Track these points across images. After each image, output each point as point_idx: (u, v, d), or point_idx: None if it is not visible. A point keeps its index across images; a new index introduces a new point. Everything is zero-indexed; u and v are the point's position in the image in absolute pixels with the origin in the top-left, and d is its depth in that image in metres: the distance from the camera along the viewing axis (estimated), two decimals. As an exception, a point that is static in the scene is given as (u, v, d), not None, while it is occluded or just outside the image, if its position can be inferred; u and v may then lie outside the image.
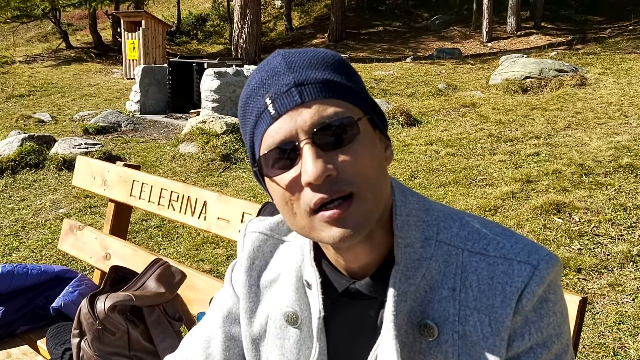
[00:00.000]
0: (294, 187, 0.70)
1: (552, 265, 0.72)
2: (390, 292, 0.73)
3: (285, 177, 0.70)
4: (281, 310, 0.84)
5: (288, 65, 0.71)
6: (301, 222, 0.71)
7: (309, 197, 0.68)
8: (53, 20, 18.31)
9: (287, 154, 0.69)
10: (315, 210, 0.69)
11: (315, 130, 0.68)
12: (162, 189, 1.99)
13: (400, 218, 0.75)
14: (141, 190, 2.06)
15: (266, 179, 0.74)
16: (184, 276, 1.69)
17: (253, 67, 9.56)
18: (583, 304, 1.05)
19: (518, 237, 0.76)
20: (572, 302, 1.03)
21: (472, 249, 0.75)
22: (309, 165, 0.66)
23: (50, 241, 4.32)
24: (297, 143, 0.68)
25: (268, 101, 0.70)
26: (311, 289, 0.80)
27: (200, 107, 8.64)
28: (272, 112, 0.69)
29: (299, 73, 0.70)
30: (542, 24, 16.60)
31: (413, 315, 0.75)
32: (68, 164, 6.18)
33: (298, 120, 0.68)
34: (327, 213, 0.68)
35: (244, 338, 0.89)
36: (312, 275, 0.80)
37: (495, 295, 0.72)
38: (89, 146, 6.72)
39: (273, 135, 0.69)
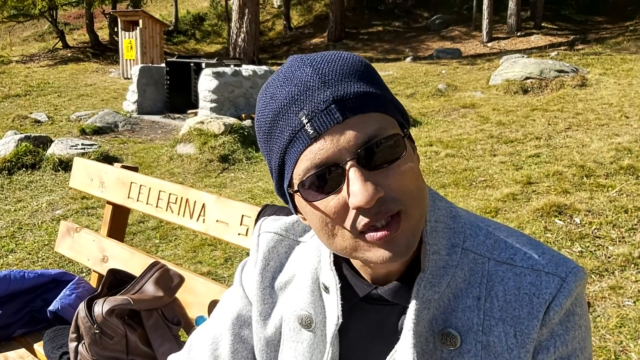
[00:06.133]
0: (339, 211, 0.65)
1: (579, 278, 0.71)
2: (413, 300, 0.71)
3: (328, 201, 0.65)
4: (295, 312, 0.82)
5: (321, 78, 0.65)
6: (343, 244, 0.67)
7: (357, 220, 0.65)
8: (50, 19, 18.25)
9: (330, 177, 0.64)
10: (362, 231, 0.65)
11: (359, 150, 0.63)
12: (160, 191, 1.97)
13: (429, 224, 0.73)
14: (139, 192, 2.04)
15: (299, 200, 0.70)
16: (182, 279, 1.67)
17: (251, 66, 9.50)
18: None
19: (545, 247, 0.75)
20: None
21: (498, 258, 0.73)
22: (358, 189, 0.62)
23: (46, 243, 4.28)
24: (341, 165, 0.64)
25: (304, 120, 0.64)
26: (329, 293, 0.78)
27: (198, 108, 8.61)
28: (311, 132, 0.64)
29: (336, 87, 0.65)
30: (543, 24, 16.64)
31: (435, 324, 0.73)
32: (65, 165, 6.13)
33: (341, 140, 0.63)
34: (377, 235, 0.64)
35: (257, 340, 0.87)
36: (332, 280, 0.77)
37: (522, 306, 0.70)
38: (86, 147, 6.68)
39: (312, 157, 0.64)
